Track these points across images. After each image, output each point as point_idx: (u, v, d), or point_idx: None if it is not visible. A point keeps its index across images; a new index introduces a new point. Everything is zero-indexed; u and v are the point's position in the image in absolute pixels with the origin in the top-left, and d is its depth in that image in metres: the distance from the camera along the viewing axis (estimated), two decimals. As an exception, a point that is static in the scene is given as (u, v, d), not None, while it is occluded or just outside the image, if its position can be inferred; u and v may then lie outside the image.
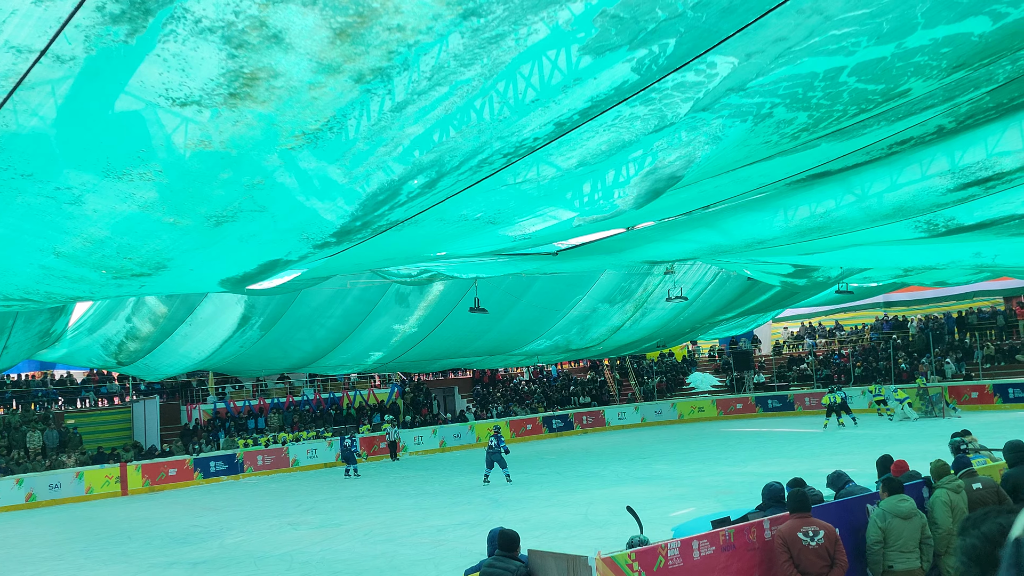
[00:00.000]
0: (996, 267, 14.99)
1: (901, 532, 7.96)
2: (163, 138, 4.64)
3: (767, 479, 9.69)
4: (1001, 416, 28.95)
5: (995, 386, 33.73)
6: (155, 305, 17.64)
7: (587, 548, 7.36)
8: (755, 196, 9.23)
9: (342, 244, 6.40)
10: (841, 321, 45.77)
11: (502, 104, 4.89)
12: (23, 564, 16.94)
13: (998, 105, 7.05)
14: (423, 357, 24.97)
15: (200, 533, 19.07)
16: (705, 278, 22.46)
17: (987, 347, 37.44)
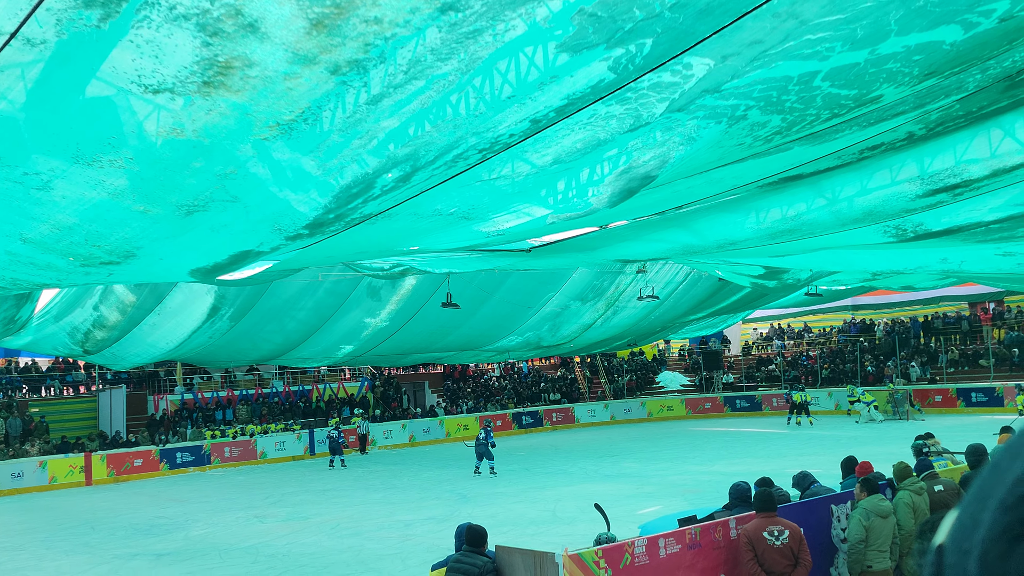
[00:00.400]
0: (962, 273, 15.20)
1: (881, 531, 8.07)
2: (134, 125, 4.59)
3: (734, 479, 9.77)
4: (964, 420, 29.37)
5: (958, 390, 34.20)
6: (123, 294, 17.45)
7: (554, 545, 7.39)
8: (728, 197, 9.29)
9: (315, 236, 6.36)
10: (809, 323, 46.23)
11: (478, 100, 4.88)
12: (-17, 553, 16.72)
13: (967, 113, 7.14)
14: (394, 351, 24.90)
15: (165, 524, 18.91)
16: (677, 278, 22.57)
17: (951, 352, 37.96)
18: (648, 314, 24.58)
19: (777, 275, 18.14)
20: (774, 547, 7.43)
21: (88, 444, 29.86)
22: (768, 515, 7.61)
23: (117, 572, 14.34)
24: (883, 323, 42.81)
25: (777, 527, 7.53)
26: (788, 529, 7.55)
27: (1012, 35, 5.12)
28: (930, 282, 20.53)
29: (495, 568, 7.09)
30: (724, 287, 22.73)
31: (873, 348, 40.59)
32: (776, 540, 7.45)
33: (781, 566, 7.44)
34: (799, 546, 7.56)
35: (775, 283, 19.44)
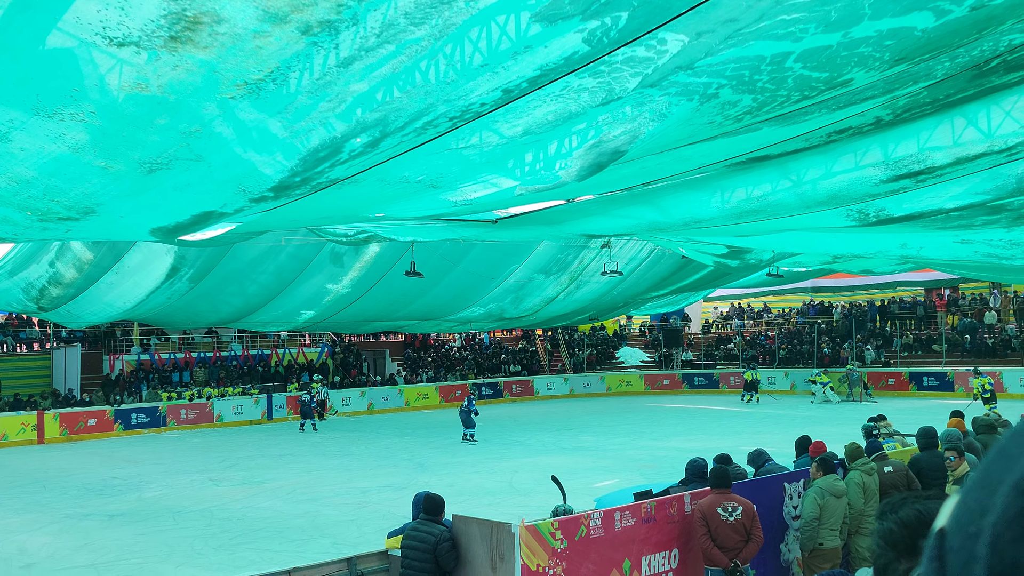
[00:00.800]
0: (920, 259, 15.42)
1: (834, 510, 8.22)
2: (97, 79, 4.48)
3: (690, 454, 9.89)
4: (915, 403, 29.96)
5: (911, 374, 34.87)
6: (81, 251, 17.14)
7: (511, 515, 7.44)
8: (695, 176, 9.31)
9: (280, 199, 6.28)
10: (769, 304, 46.74)
11: (448, 67, 4.83)
12: (-69, 510, 16.48)
13: (934, 101, 7.21)
14: (355, 318, 24.77)
15: (118, 485, 18.75)
16: (641, 254, 22.66)
17: (906, 336, 38.63)
18: (611, 289, 24.68)
19: (740, 255, 18.28)
20: (727, 523, 7.55)
21: (41, 402, 29.45)
22: (723, 491, 7.72)
23: (68, 532, 14.21)
24: (841, 306, 43.42)
25: (731, 503, 7.64)
26: (742, 505, 7.67)
27: (982, 24, 5.16)
28: (889, 267, 20.83)
29: (451, 537, 7.13)
30: (687, 265, 22.86)
31: (830, 330, 41.18)
32: (729, 516, 7.56)
33: (733, 541, 7.55)
34: (752, 522, 7.69)
35: (737, 263, 19.59)
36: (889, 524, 1.71)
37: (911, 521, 1.68)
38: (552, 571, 6.74)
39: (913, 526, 1.67)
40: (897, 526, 1.69)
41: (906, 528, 1.68)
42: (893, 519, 1.71)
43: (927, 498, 1.76)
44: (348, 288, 21.38)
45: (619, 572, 7.24)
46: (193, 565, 11.75)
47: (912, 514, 1.69)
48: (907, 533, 1.67)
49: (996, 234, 11.28)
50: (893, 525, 1.70)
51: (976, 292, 39.65)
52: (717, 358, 43.01)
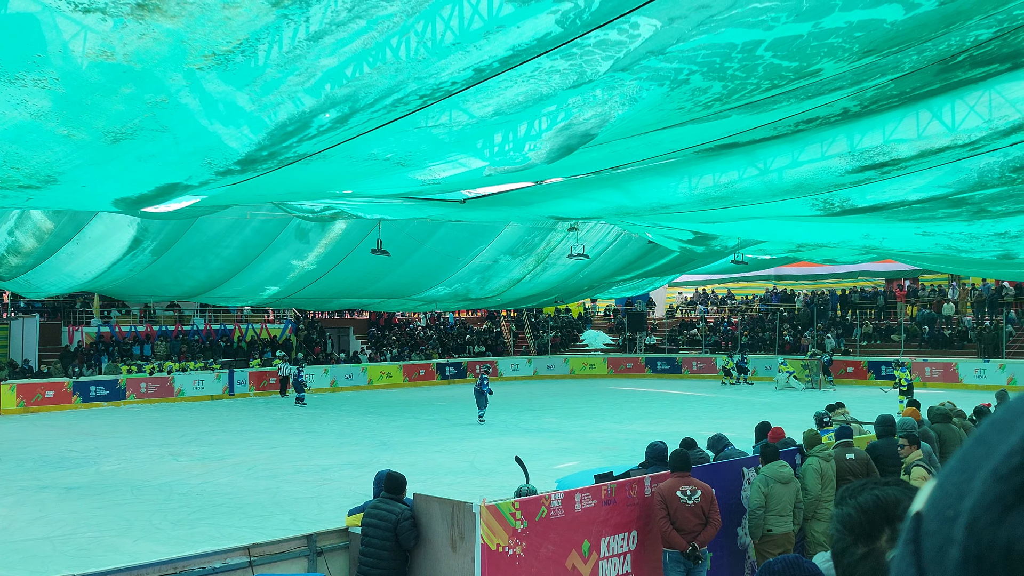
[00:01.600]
0: (882, 250, 15.63)
1: (781, 497, 8.34)
2: (60, 45, 4.39)
3: (651, 438, 9.98)
4: (873, 391, 30.44)
5: (870, 362, 35.41)
6: (41, 220, 16.84)
7: (472, 495, 7.46)
8: (664, 161, 9.34)
9: (246, 173, 6.20)
10: (733, 290, 47.15)
11: (420, 44, 4.80)
12: None
13: (901, 93, 7.28)
14: (320, 295, 24.62)
15: (76, 458, 18.55)
16: (607, 238, 22.72)
17: (866, 325, 39.18)
18: (577, 272, 24.74)
19: (706, 241, 18.40)
20: (686, 506, 7.64)
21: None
22: (682, 475, 7.81)
23: (24, 504, 14.05)
24: (803, 294, 43.93)
25: (690, 487, 7.73)
26: (700, 489, 7.76)
27: (950, 18, 5.22)
28: (851, 257, 21.09)
29: (412, 516, 7.14)
30: (653, 250, 22.96)
31: (792, 318, 41.64)
32: (689, 499, 7.65)
33: (692, 524, 7.65)
34: (710, 506, 7.78)
35: (703, 249, 19.72)
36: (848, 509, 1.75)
37: (869, 507, 1.72)
38: (512, 551, 6.79)
39: (871, 511, 1.71)
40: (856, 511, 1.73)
41: (864, 513, 1.72)
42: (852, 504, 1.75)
43: (885, 484, 1.80)
44: (313, 265, 21.23)
45: (578, 553, 7.31)
46: (151, 539, 11.67)
47: (871, 500, 1.73)
48: (865, 518, 1.71)
49: (957, 227, 11.46)
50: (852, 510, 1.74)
51: (935, 284, 40.30)
52: (680, 343, 43.34)
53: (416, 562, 7.21)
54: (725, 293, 47.45)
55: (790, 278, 44.07)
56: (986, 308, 36.93)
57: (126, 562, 6.85)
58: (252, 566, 6.91)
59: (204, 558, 6.77)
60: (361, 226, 19.06)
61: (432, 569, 7.08)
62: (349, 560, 7.59)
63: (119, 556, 10.12)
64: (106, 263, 18.77)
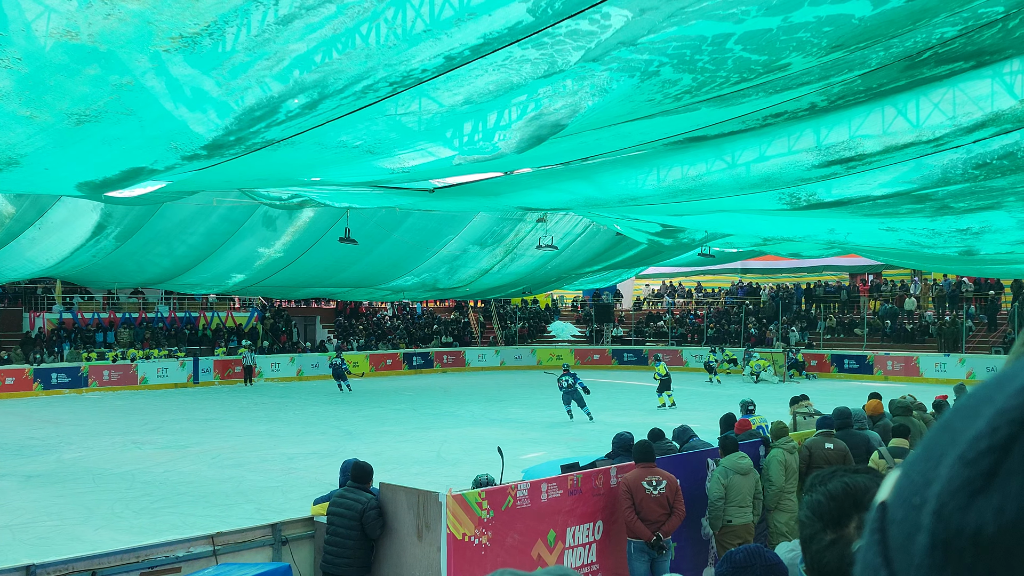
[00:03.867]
0: (847, 244, 15.80)
1: (740, 488, 8.42)
2: (23, 23, 4.31)
3: (617, 429, 10.04)
4: (835, 384, 30.81)
5: (833, 356, 35.84)
6: (2, 204, 16.55)
7: (439, 485, 7.47)
8: (633, 153, 9.37)
9: (213, 158, 6.13)
10: (701, 283, 47.48)
11: (390, 31, 4.77)
12: None
13: (868, 89, 7.35)
14: (287, 284, 24.46)
15: (36, 446, 18.30)
16: (576, 229, 22.78)
17: (830, 319, 39.63)
18: (545, 263, 24.78)
19: (673, 234, 18.49)
20: (651, 496, 7.69)
21: (-44, 359, 28.52)
22: (647, 465, 7.86)
23: (-18, 492, 13.85)
24: (769, 287, 44.32)
25: (655, 477, 7.79)
26: (666, 480, 7.82)
27: (917, 15, 5.28)
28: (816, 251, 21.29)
29: (378, 505, 7.13)
30: (621, 242, 23.05)
31: (758, 311, 42.01)
32: (654, 490, 7.71)
33: (657, 514, 7.71)
34: (675, 496, 7.85)
35: (671, 241, 19.82)
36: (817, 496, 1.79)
37: (838, 493, 1.76)
38: (478, 540, 6.80)
39: (840, 498, 1.75)
40: (825, 498, 1.77)
41: (834, 500, 1.76)
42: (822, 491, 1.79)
43: (855, 472, 1.84)
44: (280, 253, 21.08)
45: (544, 542, 7.34)
46: (113, 528, 11.55)
47: (840, 486, 1.77)
48: (835, 505, 1.75)
49: (920, 223, 11.61)
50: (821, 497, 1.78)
51: (898, 279, 40.83)
52: (647, 335, 43.58)
53: (382, 551, 7.20)
54: (695, 286, 47.76)
55: (756, 271, 44.44)
56: (947, 303, 37.49)
57: (87, 551, 6.78)
58: (216, 555, 6.87)
59: (167, 547, 6.71)
60: (329, 214, 18.95)
61: (397, 558, 7.08)
62: (314, 549, 7.57)
63: (80, 545, 10.01)
64: (69, 248, 18.51)
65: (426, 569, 6.82)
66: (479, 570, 6.67)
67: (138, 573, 6.44)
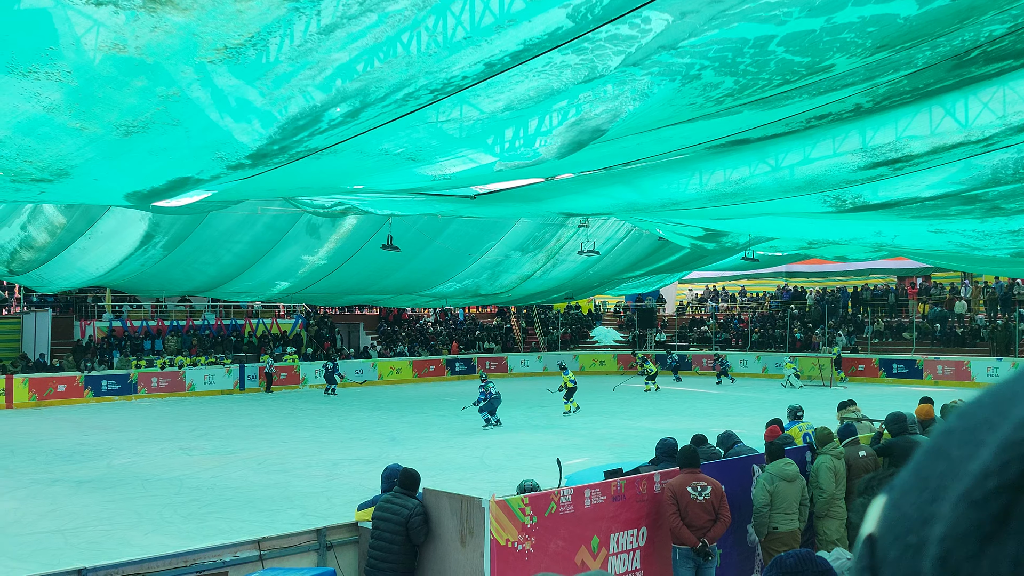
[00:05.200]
0: (894, 247, 15.55)
1: (786, 495, 8.31)
2: (72, 38, 4.40)
3: (660, 435, 9.97)
4: (883, 389, 30.33)
5: (881, 360, 35.27)
6: (53, 215, 16.91)
7: (481, 491, 7.48)
8: (674, 157, 9.31)
9: (257, 167, 6.21)
10: (744, 287, 47.03)
11: (431, 39, 4.79)
12: None
13: (914, 89, 7.24)
14: (330, 291, 24.66)
15: (87, 452, 18.65)
16: (618, 234, 22.69)
17: (877, 323, 39.02)
18: (587, 269, 24.72)
19: (716, 238, 18.35)
20: (696, 502, 7.62)
21: (10, 367, 29.15)
22: (692, 471, 7.79)
23: (36, 497, 14.13)
24: (814, 291, 43.77)
25: (700, 483, 7.72)
26: (711, 485, 7.75)
27: (964, 14, 5.19)
28: (863, 254, 21.00)
29: (424, 511, 7.15)
30: (664, 246, 22.92)
31: (803, 315, 41.51)
32: (699, 495, 7.64)
33: (702, 520, 7.64)
34: (720, 502, 7.77)
35: (714, 245, 19.66)
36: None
37: None
38: (521, 546, 6.79)
39: None
40: None
41: None
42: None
43: None
44: (324, 260, 21.27)
45: (587, 549, 7.30)
46: (162, 533, 11.72)
47: None
48: None
49: (969, 224, 11.39)
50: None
51: (947, 282, 40.08)
52: (690, 340, 43.25)
53: (425, 557, 7.22)
54: (737, 290, 47.32)
55: (801, 275, 43.90)
56: (999, 306, 36.73)
57: (137, 555, 6.88)
58: (262, 560, 6.94)
59: (214, 551, 6.79)
60: (372, 222, 19.09)
61: (441, 564, 7.09)
62: (359, 554, 7.61)
63: (130, 549, 10.17)
64: (118, 258, 18.85)
65: (469, 574, 6.83)
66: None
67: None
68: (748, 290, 47.07)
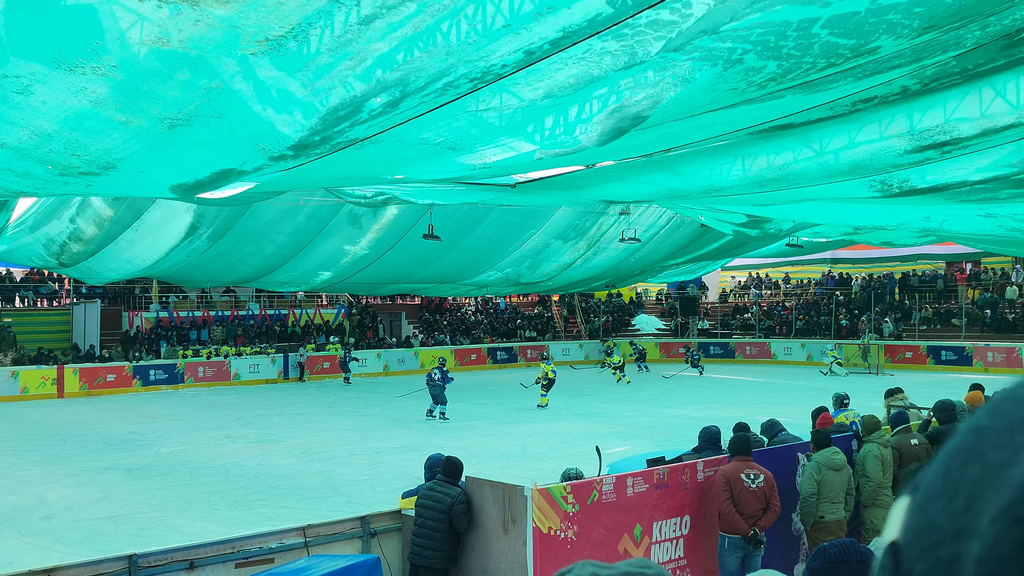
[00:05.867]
0: (942, 232, 15.27)
1: (833, 484, 8.22)
2: (117, 32, 4.46)
3: (703, 423, 9.90)
4: (931, 377, 29.84)
5: (929, 347, 34.68)
6: (101, 207, 17.22)
7: (524, 479, 7.48)
8: (716, 143, 9.22)
9: (299, 158, 6.26)
10: (789, 274, 46.47)
11: (470, 27, 4.78)
12: (-47, 460, 16.74)
13: (963, 71, 7.09)
14: (372, 280, 24.83)
15: (136, 440, 18.99)
16: (659, 221, 22.55)
17: (925, 309, 38.36)
18: (628, 256, 24.60)
19: (760, 224, 18.16)
20: (750, 490, 7.57)
21: (61, 357, 29.77)
22: (744, 458, 7.73)
23: (87, 484, 14.42)
24: (860, 277, 43.12)
25: (753, 471, 7.67)
26: (763, 474, 7.69)
27: (1015, -8, 5.06)
28: (910, 239, 20.64)
29: (467, 500, 7.18)
30: (706, 233, 22.74)
31: (849, 302, 40.94)
32: (752, 483, 7.59)
33: (754, 509, 7.58)
34: (771, 491, 7.71)
35: (757, 232, 19.47)
36: None
37: None
38: (564, 534, 6.79)
39: None
40: None
41: None
42: None
43: None
44: (366, 250, 21.41)
45: (630, 537, 7.29)
46: (209, 520, 11.91)
47: None
48: None
49: (1021, 208, 11.15)
50: None
51: (998, 266, 39.28)
52: (733, 327, 42.89)
53: (468, 544, 7.25)
54: (780, 277, 46.78)
55: (847, 261, 43.23)
56: (1051, 292, 35.94)
57: (186, 541, 7.00)
58: (307, 546, 7.02)
59: (261, 538, 6.88)
60: (412, 211, 19.16)
61: (484, 551, 7.12)
62: (402, 541, 7.67)
63: (179, 535, 10.34)
64: (164, 249, 19.14)
65: (512, 562, 6.85)
66: (565, 564, 6.65)
67: (233, 564, 6.62)
68: (792, 277, 46.50)
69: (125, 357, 30.74)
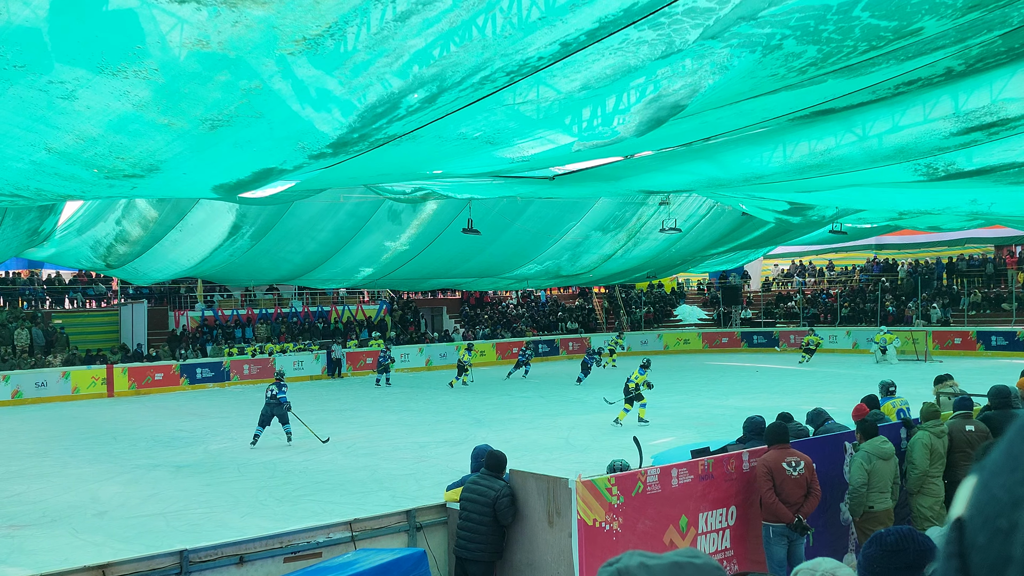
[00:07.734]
0: (991, 215, 14.96)
1: (883, 473, 8.13)
2: (158, 36, 4.52)
3: (748, 413, 9.82)
4: (982, 363, 29.30)
5: (979, 333, 34.06)
6: (145, 209, 17.49)
7: (567, 471, 7.48)
8: (756, 130, 9.12)
9: (339, 156, 6.30)
10: (833, 261, 45.87)
11: (505, 20, 4.77)
12: (9, 458, 17.14)
13: (1009, 49, 6.93)
14: (413, 276, 24.95)
15: (185, 438, 19.29)
16: (700, 211, 22.37)
17: (974, 294, 37.67)
18: (669, 247, 24.45)
19: (802, 211, 17.93)
20: (792, 477, 7.51)
21: (110, 357, 30.32)
22: (783, 447, 7.67)
23: (138, 482, 14.69)
24: (906, 263, 42.44)
25: (794, 458, 7.61)
26: (803, 460, 7.63)
27: (1063, -32, 4.93)
28: (957, 223, 20.23)
29: (511, 492, 7.20)
30: (747, 222, 22.51)
31: (895, 288, 40.33)
32: (793, 471, 7.53)
33: (796, 496, 7.53)
34: (812, 476, 7.66)
35: (799, 219, 19.22)
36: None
37: None
38: (609, 526, 6.78)
39: None
40: None
41: None
42: None
43: None
44: (406, 246, 21.51)
45: (676, 528, 7.26)
46: (258, 515, 12.07)
47: None
48: None
49: (1072, 189, 10.89)
50: None
51: (1048, 249, 38.43)
52: (777, 316, 42.47)
53: (513, 537, 7.27)
54: (824, 264, 46.20)
55: (892, 247, 42.56)
56: (1104, 274, 35.10)
57: (235, 537, 7.10)
58: (354, 540, 7.08)
59: (308, 533, 6.96)
60: (452, 206, 19.21)
61: (529, 544, 7.13)
62: (448, 535, 7.71)
63: (228, 531, 10.50)
64: (208, 249, 19.40)
65: (557, 554, 6.86)
66: (611, 556, 6.65)
67: (282, 558, 6.70)
68: (836, 264, 45.90)
69: (172, 356, 31.24)
